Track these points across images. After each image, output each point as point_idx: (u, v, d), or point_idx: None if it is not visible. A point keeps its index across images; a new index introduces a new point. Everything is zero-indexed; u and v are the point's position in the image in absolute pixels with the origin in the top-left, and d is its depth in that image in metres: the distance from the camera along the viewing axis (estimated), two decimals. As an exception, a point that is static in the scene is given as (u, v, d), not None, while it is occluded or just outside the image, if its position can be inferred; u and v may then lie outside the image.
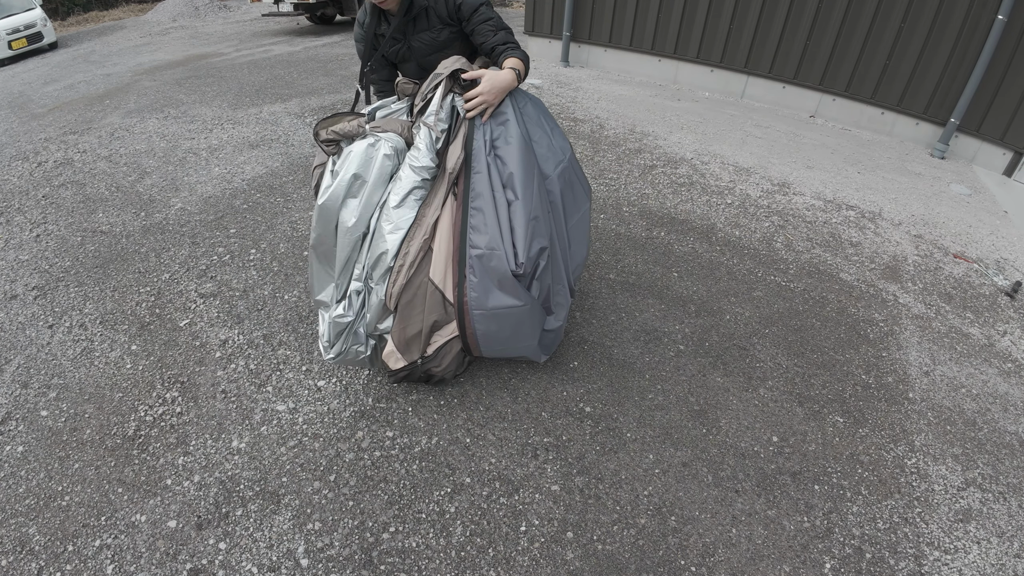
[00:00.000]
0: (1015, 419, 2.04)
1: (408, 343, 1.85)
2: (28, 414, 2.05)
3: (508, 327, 1.80)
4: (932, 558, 1.58)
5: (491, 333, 1.80)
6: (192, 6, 12.46)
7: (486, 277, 1.71)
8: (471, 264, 1.70)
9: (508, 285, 1.72)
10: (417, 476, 1.78)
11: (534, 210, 1.72)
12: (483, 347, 1.86)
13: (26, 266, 2.95)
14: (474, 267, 1.70)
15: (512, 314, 1.75)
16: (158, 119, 5.14)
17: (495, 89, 1.70)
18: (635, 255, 2.93)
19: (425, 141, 1.72)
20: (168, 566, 1.55)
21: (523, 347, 1.91)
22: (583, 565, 1.54)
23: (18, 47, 9.29)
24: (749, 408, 2.04)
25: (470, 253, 1.70)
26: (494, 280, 1.71)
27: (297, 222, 3.23)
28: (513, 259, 1.70)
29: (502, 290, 1.72)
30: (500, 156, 1.75)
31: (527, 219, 1.71)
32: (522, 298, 1.75)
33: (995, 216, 3.50)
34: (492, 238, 1.69)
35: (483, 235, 1.70)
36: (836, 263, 2.92)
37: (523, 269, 1.71)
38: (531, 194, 1.73)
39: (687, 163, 4.01)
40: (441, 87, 1.73)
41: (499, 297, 1.72)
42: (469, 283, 1.71)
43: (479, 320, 1.75)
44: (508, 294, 1.72)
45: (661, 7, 5.68)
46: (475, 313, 1.74)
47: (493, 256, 1.69)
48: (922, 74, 4.35)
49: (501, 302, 1.73)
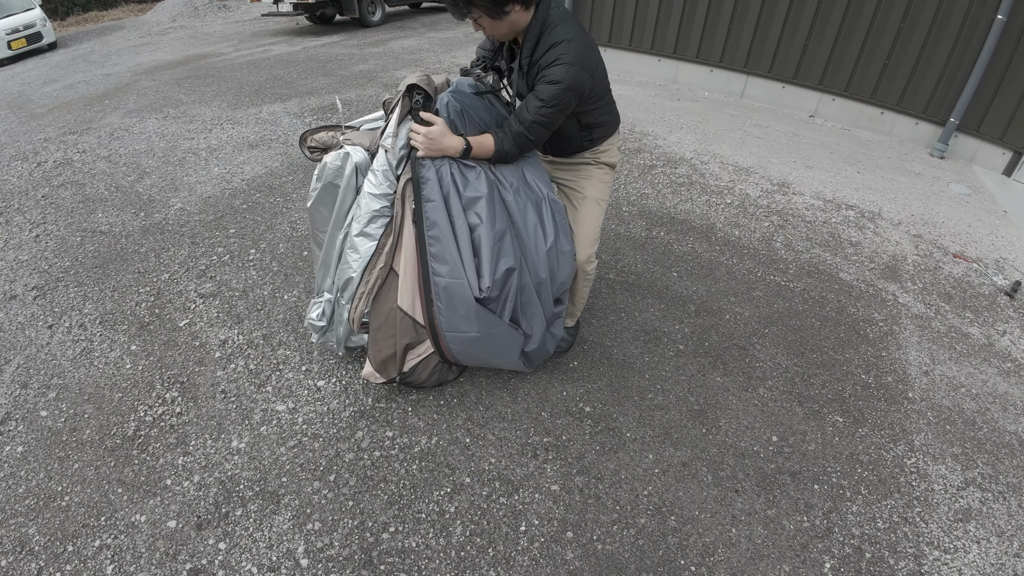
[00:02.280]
0: (1015, 419, 2.04)
1: (384, 364, 1.89)
2: (28, 414, 2.05)
3: (483, 347, 1.81)
4: (932, 558, 1.58)
5: (467, 352, 1.83)
6: (191, 6, 12.46)
7: (451, 306, 1.70)
8: (436, 292, 1.70)
9: (474, 313, 1.69)
10: (417, 476, 1.78)
11: (499, 231, 1.68)
12: (462, 361, 1.89)
13: (25, 266, 2.95)
14: (439, 295, 1.70)
15: (483, 338, 1.76)
16: (157, 119, 5.14)
17: (435, 143, 1.63)
18: (635, 255, 2.93)
19: (382, 166, 1.68)
20: (168, 566, 1.55)
21: (504, 362, 1.93)
22: (583, 565, 1.54)
23: (17, 47, 9.29)
24: (749, 408, 2.04)
25: (434, 281, 1.69)
26: (460, 309, 1.70)
27: (296, 222, 3.23)
28: (476, 285, 1.67)
29: (468, 318, 1.71)
30: (461, 178, 1.69)
31: (492, 241, 1.66)
32: (490, 324, 1.73)
33: (994, 216, 3.51)
34: (453, 267, 1.65)
35: (444, 264, 1.67)
36: (836, 263, 2.92)
37: (489, 292, 1.67)
38: (494, 215, 1.68)
39: (687, 163, 4.01)
40: (398, 109, 1.68)
41: (467, 324, 1.72)
42: (437, 309, 1.72)
43: (452, 341, 1.77)
44: (476, 321, 1.71)
45: (661, 7, 5.68)
46: (447, 335, 1.76)
47: (455, 285, 1.66)
48: (922, 74, 4.35)
49: (470, 329, 1.73)
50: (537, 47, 1.59)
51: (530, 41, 1.60)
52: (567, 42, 1.55)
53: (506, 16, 1.54)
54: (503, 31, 1.60)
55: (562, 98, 1.57)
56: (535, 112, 1.61)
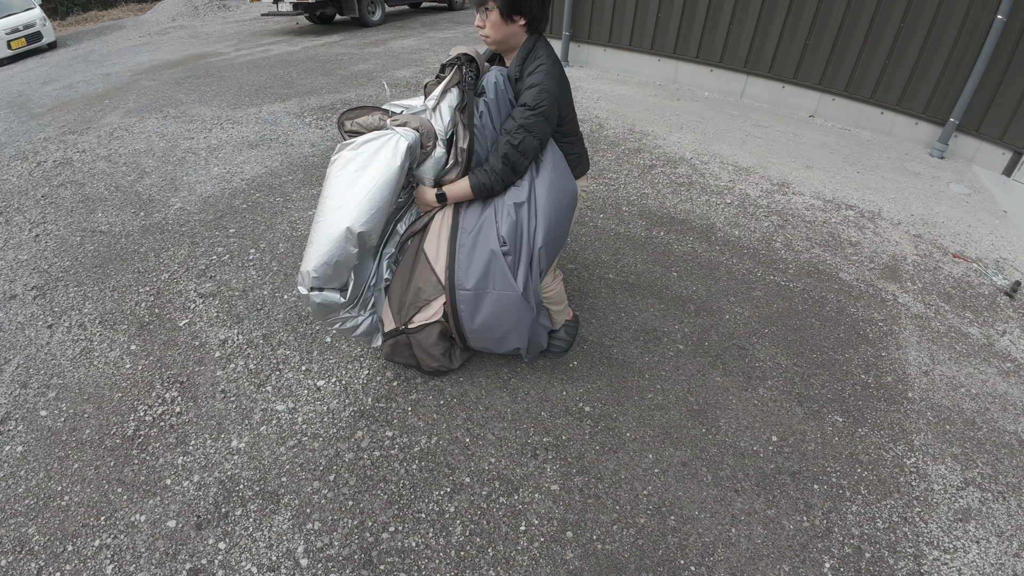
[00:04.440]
0: (1014, 418, 2.04)
1: (399, 306, 1.95)
2: (27, 414, 2.05)
3: (494, 314, 1.83)
4: (931, 557, 1.58)
5: (481, 328, 1.85)
6: (191, 6, 12.46)
7: (471, 255, 1.78)
8: (461, 243, 1.80)
9: (494, 266, 1.77)
10: (417, 476, 1.78)
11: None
12: (469, 336, 1.90)
13: (25, 266, 2.95)
14: (463, 245, 1.79)
15: (496, 301, 1.80)
16: (157, 119, 5.13)
17: (419, 199, 1.90)
18: (634, 255, 2.93)
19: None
20: (168, 566, 1.55)
21: (509, 340, 1.92)
22: (583, 565, 1.55)
23: (17, 47, 9.28)
24: (748, 408, 2.04)
25: (462, 228, 1.80)
26: (479, 257, 1.78)
27: (296, 222, 3.23)
28: (498, 235, 1.76)
29: (487, 274, 1.78)
30: None
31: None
32: (508, 287, 1.78)
33: (994, 216, 3.51)
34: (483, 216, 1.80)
35: (472, 218, 1.81)
36: (835, 263, 2.92)
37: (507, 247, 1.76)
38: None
39: (686, 163, 4.01)
40: (448, 78, 1.78)
41: (484, 279, 1.79)
42: (458, 261, 1.80)
43: (463, 300, 1.81)
44: (490, 276, 1.79)
45: (661, 7, 5.68)
46: (460, 293, 1.81)
47: (485, 227, 1.78)
48: (921, 74, 4.35)
49: (486, 285, 1.79)
50: (525, 62, 1.74)
51: (520, 56, 1.75)
52: (546, 58, 1.73)
53: (511, 24, 1.69)
54: (500, 36, 1.72)
55: (545, 104, 1.67)
56: (521, 117, 1.70)
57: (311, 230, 1.71)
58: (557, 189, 1.80)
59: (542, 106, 1.67)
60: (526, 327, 1.88)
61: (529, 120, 1.68)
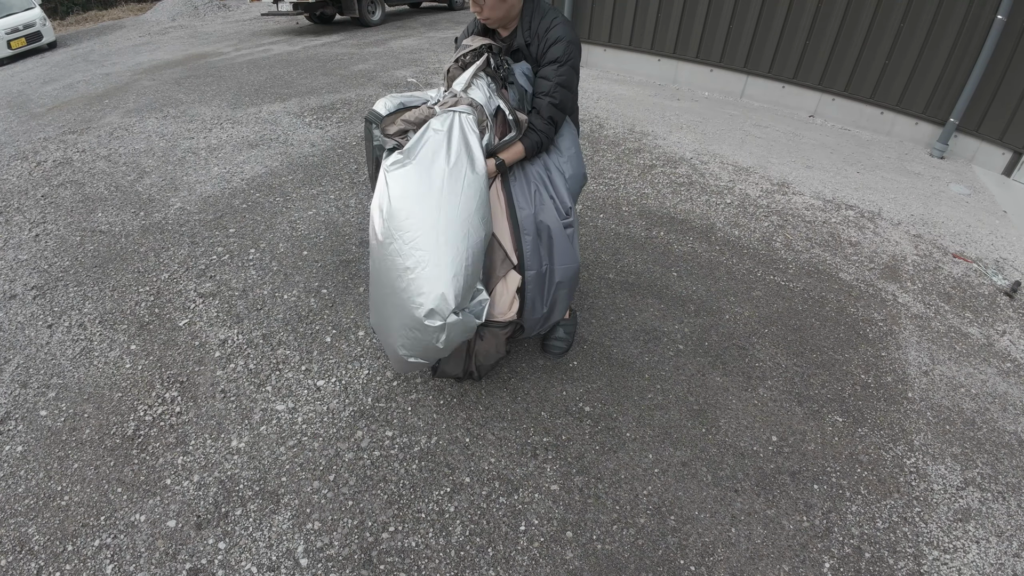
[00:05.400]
0: (1014, 418, 2.05)
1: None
2: (27, 414, 2.05)
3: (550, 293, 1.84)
4: (931, 557, 1.58)
5: (536, 302, 1.83)
6: (191, 5, 12.46)
7: (536, 236, 1.77)
8: (523, 226, 1.76)
9: (560, 244, 1.78)
10: (416, 476, 1.78)
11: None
12: (526, 311, 1.83)
13: (25, 266, 2.95)
14: (526, 228, 1.76)
15: (563, 273, 1.81)
16: (157, 118, 5.13)
17: None
18: (634, 255, 2.93)
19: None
20: (168, 566, 1.55)
21: (557, 310, 1.91)
22: (582, 564, 1.55)
23: (17, 46, 9.28)
24: (748, 408, 2.04)
25: (520, 211, 1.76)
26: (544, 237, 1.78)
27: (296, 221, 3.23)
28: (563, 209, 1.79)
29: (555, 248, 1.79)
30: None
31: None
32: (572, 259, 1.81)
33: (994, 216, 3.51)
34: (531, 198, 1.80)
35: (523, 197, 1.79)
36: (835, 263, 2.92)
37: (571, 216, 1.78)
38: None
39: (686, 163, 4.01)
40: (475, 65, 1.76)
41: (558, 254, 1.79)
42: (524, 241, 1.76)
43: (531, 281, 1.79)
44: (560, 256, 1.79)
45: (661, 7, 5.68)
46: (528, 274, 1.78)
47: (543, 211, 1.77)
48: (921, 74, 4.35)
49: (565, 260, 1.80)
50: (532, 23, 1.76)
51: (524, 20, 1.77)
52: (555, 11, 1.76)
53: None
54: (501, 13, 1.73)
55: (573, 54, 1.71)
56: (554, 75, 1.72)
57: (428, 253, 1.47)
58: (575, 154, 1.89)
59: (572, 58, 1.70)
60: (566, 300, 1.91)
61: (563, 75, 1.71)
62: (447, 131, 1.56)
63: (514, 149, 1.76)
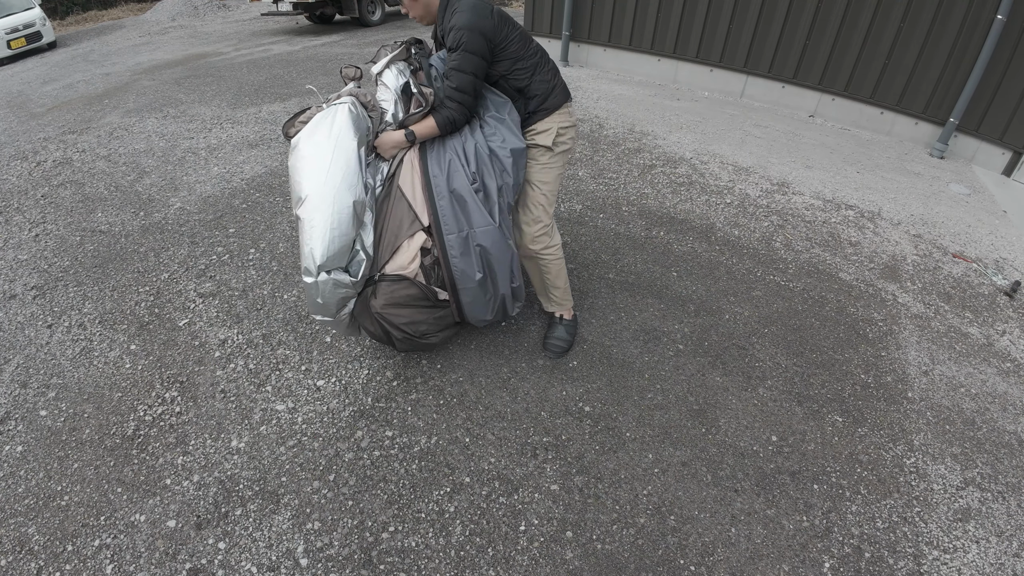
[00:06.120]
0: (1014, 418, 2.05)
1: (377, 252, 1.91)
2: (27, 414, 2.05)
3: (480, 258, 1.87)
4: (931, 557, 1.58)
5: (469, 272, 1.86)
6: (191, 5, 12.45)
7: (450, 201, 1.85)
8: (438, 191, 1.85)
9: (471, 208, 1.84)
10: (416, 476, 1.78)
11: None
12: (458, 278, 1.87)
13: (25, 266, 2.95)
14: (440, 191, 1.85)
15: (481, 237, 1.84)
16: (157, 118, 5.13)
17: (385, 145, 1.93)
18: (634, 255, 2.93)
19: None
20: (167, 566, 1.55)
21: (498, 286, 1.94)
22: (582, 564, 1.55)
23: (17, 46, 9.27)
24: (748, 407, 2.04)
25: (434, 181, 1.85)
26: (454, 204, 1.85)
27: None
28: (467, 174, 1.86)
29: (468, 210, 1.85)
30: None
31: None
32: (485, 222, 1.85)
33: (994, 216, 3.51)
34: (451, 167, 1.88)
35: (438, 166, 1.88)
36: (835, 263, 2.92)
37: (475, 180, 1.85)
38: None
39: (686, 163, 4.01)
40: (393, 53, 1.98)
41: (472, 217, 1.84)
42: (440, 208, 1.83)
43: (452, 245, 1.83)
44: (471, 219, 1.85)
45: (661, 7, 5.68)
46: (448, 239, 1.83)
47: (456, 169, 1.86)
48: (921, 74, 4.35)
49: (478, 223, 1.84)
50: (444, 19, 1.86)
51: (439, 16, 1.88)
52: (461, 5, 1.81)
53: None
54: (420, 11, 1.89)
55: (464, 39, 1.75)
56: (450, 62, 1.81)
57: (304, 221, 1.73)
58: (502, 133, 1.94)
59: (461, 44, 1.76)
60: (507, 266, 1.92)
61: (455, 60, 1.79)
62: (326, 118, 1.82)
63: (426, 123, 1.86)
